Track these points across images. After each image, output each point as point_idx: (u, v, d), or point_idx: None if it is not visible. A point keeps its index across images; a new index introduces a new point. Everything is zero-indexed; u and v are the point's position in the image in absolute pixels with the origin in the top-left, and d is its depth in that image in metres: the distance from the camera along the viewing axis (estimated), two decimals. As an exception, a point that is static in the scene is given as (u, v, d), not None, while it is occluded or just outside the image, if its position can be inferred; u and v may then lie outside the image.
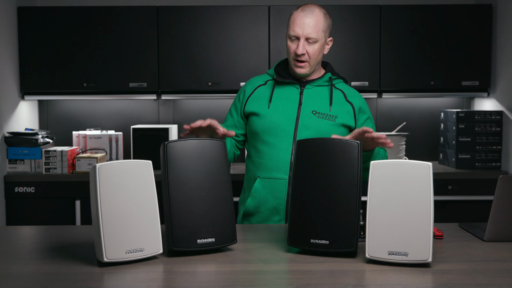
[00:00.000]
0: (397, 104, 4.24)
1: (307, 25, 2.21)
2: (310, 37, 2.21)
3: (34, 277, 1.59)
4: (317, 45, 2.23)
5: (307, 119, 2.24)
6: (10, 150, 3.67)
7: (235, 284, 1.53)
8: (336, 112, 2.26)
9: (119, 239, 1.65)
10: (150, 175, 1.72)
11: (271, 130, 2.25)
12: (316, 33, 2.22)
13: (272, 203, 2.23)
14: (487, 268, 1.64)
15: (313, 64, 2.26)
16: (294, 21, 2.22)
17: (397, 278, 1.55)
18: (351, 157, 1.74)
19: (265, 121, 2.27)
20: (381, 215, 1.66)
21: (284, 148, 2.23)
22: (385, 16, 3.84)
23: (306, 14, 2.22)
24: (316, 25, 2.22)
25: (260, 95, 2.32)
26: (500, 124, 3.79)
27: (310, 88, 2.30)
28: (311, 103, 2.27)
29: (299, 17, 2.22)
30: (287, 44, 2.27)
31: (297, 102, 2.28)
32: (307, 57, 2.23)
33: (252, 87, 2.36)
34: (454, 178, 3.68)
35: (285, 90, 2.31)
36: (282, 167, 2.22)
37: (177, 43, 3.83)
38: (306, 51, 2.22)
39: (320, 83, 2.31)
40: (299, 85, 2.30)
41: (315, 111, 2.26)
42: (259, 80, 2.38)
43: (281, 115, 2.26)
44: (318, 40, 2.23)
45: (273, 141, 2.24)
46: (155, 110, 4.21)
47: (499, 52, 3.84)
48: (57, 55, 3.82)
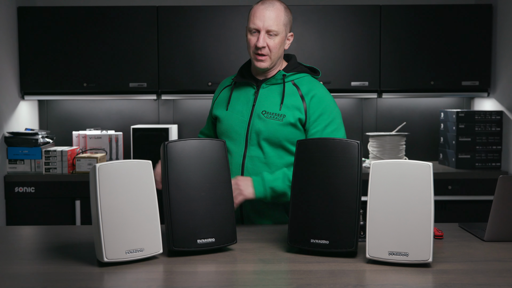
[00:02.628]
0: (397, 104, 4.24)
1: (267, 17, 2.15)
2: (271, 29, 2.15)
3: (34, 277, 1.59)
4: (277, 38, 2.17)
5: (257, 120, 2.20)
6: (10, 150, 3.67)
7: (235, 284, 1.53)
8: (285, 110, 2.18)
9: (119, 239, 1.65)
10: (150, 175, 1.72)
11: (227, 134, 2.23)
12: (277, 26, 2.16)
13: None
14: (487, 268, 1.64)
15: (274, 58, 2.19)
16: (255, 14, 2.17)
17: (397, 278, 1.55)
18: (351, 157, 1.74)
19: (223, 124, 2.25)
20: (381, 215, 1.66)
21: (237, 151, 2.21)
22: (385, 16, 3.84)
23: (267, 7, 2.16)
24: (276, 18, 2.16)
25: (223, 97, 2.30)
26: (500, 124, 3.79)
27: (265, 87, 2.24)
28: (264, 103, 2.21)
29: (260, 10, 2.16)
30: (247, 38, 2.21)
31: (252, 102, 2.23)
32: (267, 51, 2.16)
33: (220, 89, 2.35)
34: (454, 178, 3.68)
35: (242, 91, 2.27)
36: (235, 170, 2.20)
37: (177, 43, 3.83)
38: (267, 44, 2.15)
39: (274, 82, 2.24)
40: (256, 85, 2.25)
41: (265, 111, 2.19)
42: (227, 81, 2.35)
43: (235, 117, 2.23)
44: (279, 33, 2.17)
45: (229, 145, 2.22)
46: (155, 110, 4.21)
47: (499, 52, 3.84)
48: (57, 55, 3.82)
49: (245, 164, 2.19)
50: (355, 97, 4.01)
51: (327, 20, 3.83)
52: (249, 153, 2.20)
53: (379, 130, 4.21)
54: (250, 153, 2.19)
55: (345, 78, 3.84)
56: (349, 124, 4.06)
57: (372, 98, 4.19)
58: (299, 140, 1.83)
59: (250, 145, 2.20)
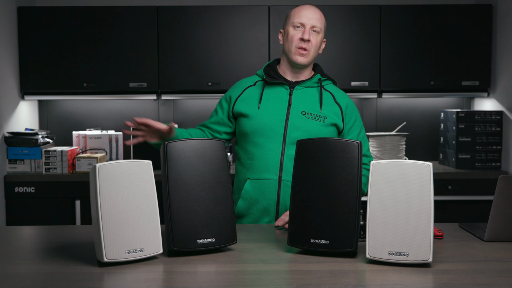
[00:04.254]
0: (397, 104, 4.24)
1: (313, 15, 2.26)
2: (316, 25, 2.26)
3: (34, 277, 1.59)
4: (319, 36, 2.28)
5: (297, 119, 2.24)
6: (10, 150, 3.67)
7: (235, 284, 1.53)
8: (325, 112, 2.26)
9: (119, 239, 1.65)
10: (150, 175, 1.72)
11: (260, 131, 2.24)
12: (321, 24, 2.28)
13: (263, 204, 2.23)
14: (487, 268, 1.64)
15: (313, 55, 2.28)
16: (299, 12, 2.27)
17: (397, 278, 1.55)
18: (351, 157, 1.74)
19: (255, 122, 2.26)
20: (381, 215, 1.66)
21: (274, 149, 2.23)
22: (385, 16, 3.84)
23: (311, 7, 2.29)
24: (320, 18, 2.29)
25: (250, 96, 2.31)
26: (500, 124, 3.79)
27: (299, 89, 2.30)
28: (301, 104, 2.27)
29: (304, 8, 2.27)
30: (288, 34, 2.27)
31: (287, 103, 2.27)
32: (310, 46, 2.25)
33: (241, 88, 2.35)
34: (454, 178, 3.68)
35: (275, 91, 2.30)
36: (272, 168, 2.22)
37: (177, 43, 3.83)
38: (310, 40, 2.24)
39: (309, 84, 2.31)
40: (289, 86, 2.30)
41: (304, 111, 2.25)
42: (248, 81, 2.37)
43: (270, 115, 2.25)
44: (321, 32, 2.29)
45: (263, 142, 2.23)
46: (155, 110, 4.21)
47: (499, 52, 3.84)
48: (57, 55, 3.82)
49: (284, 162, 2.21)
50: (355, 97, 4.01)
51: (327, 20, 3.81)
52: (288, 151, 2.22)
53: (379, 130, 4.21)
54: (289, 151, 2.21)
55: (345, 78, 3.84)
56: (349, 124, 4.05)
57: (372, 98, 4.19)
58: (299, 140, 1.83)
59: (289, 143, 2.22)
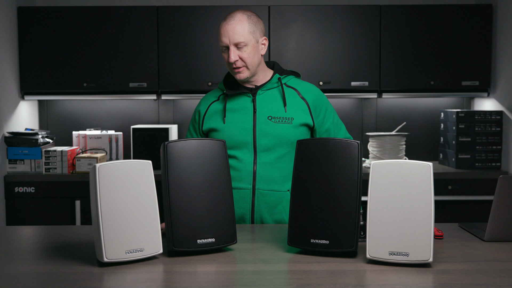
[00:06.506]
0: (397, 104, 4.24)
1: (231, 32, 2.21)
2: (237, 41, 2.20)
3: (34, 277, 1.59)
4: (248, 48, 2.21)
5: (264, 126, 2.23)
6: (10, 150, 3.67)
7: (235, 284, 1.53)
8: (291, 113, 2.24)
9: (119, 239, 1.65)
10: (150, 175, 1.72)
11: (230, 143, 2.23)
12: (243, 37, 2.20)
13: (237, 213, 2.22)
14: (487, 268, 1.64)
15: (252, 66, 2.23)
16: (220, 32, 2.24)
17: (397, 278, 1.55)
18: (351, 157, 1.74)
19: (223, 135, 2.25)
20: (381, 215, 1.66)
21: (245, 159, 2.22)
22: (385, 16, 3.84)
23: (228, 22, 2.23)
24: (240, 30, 2.21)
25: (215, 111, 2.31)
26: (500, 124, 3.79)
27: (261, 93, 2.28)
28: (266, 109, 2.25)
29: (223, 27, 2.23)
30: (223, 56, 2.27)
31: (252, 110, 2.25)
32: (241, 63, 2.22)
33: (206, 105, 2.34)
34: (454, 178, 3.68)
35: (238, 101, 2.28)
36: (245, 177, 2.22)
37: (177, 43, 3.83)
38: (239, 56, 2.20)
39: (270, 86, 2.28)
40: (251, 93, 2.28)
41: (270, 116, 2.24)
42: (211, 96, 2.36)
43: (237, 127, 2.24)
44: (248, 43, 2.21)
45: (235, 153, 2.23)
46: (155, 110, 4.21)
47: (499, 52, 3.84)
48: (57, 55, 3.82)
49: (257, 171, 2.21)
50: (355, 97, 4.01)
51: (327, 20, 3.83)
52: (260, 159, 2.22)
53: (379, 130, 4.21)
54: (261, 159, 2.22)
55: (345, 78, 3.84)
56: (349, 124, 4.05)
57: (372, 98, 4.19)
58: (299, 140, 1.83)
59: (260, 151, 2.22)
